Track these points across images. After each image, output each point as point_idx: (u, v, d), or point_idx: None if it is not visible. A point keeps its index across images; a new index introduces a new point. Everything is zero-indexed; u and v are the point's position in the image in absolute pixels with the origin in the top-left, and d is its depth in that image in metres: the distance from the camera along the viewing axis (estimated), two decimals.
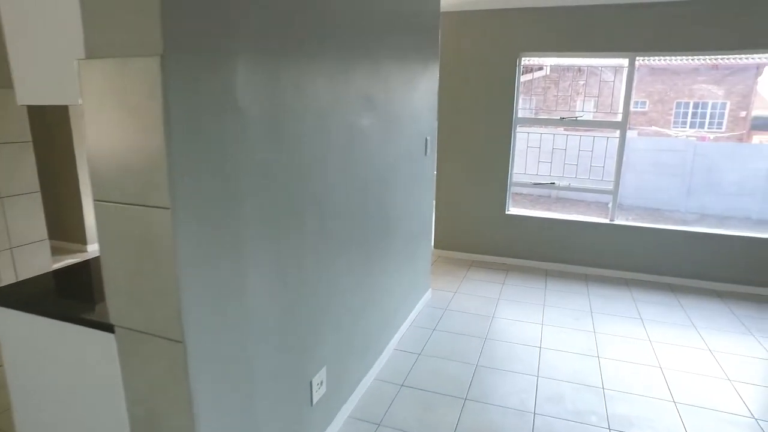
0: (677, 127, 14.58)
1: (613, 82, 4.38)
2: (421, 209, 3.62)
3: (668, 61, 14.28)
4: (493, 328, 3.54)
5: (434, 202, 4.96)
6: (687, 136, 13.90)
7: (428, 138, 3.55)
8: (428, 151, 3.57)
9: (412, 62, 3.11)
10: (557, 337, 3.42)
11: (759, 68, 14.96)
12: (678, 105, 14.64)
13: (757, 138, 15.40)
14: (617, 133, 4.48)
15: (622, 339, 3.42)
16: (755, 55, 4.14)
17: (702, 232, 4.42)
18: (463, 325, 3.58)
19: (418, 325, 3.57)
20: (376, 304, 2.86)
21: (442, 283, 4.38)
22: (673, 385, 2.87)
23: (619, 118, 4.45)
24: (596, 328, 3.57)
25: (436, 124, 3.76)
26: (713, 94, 14.54)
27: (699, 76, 14.53)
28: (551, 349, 3.26)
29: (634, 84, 4.35)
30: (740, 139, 15.27)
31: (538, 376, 2.94)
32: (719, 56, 4.28)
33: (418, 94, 3.26)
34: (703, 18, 4.00)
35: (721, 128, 14.52)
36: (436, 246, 5.17)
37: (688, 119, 14.55)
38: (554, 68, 6.56)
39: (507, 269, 4.80)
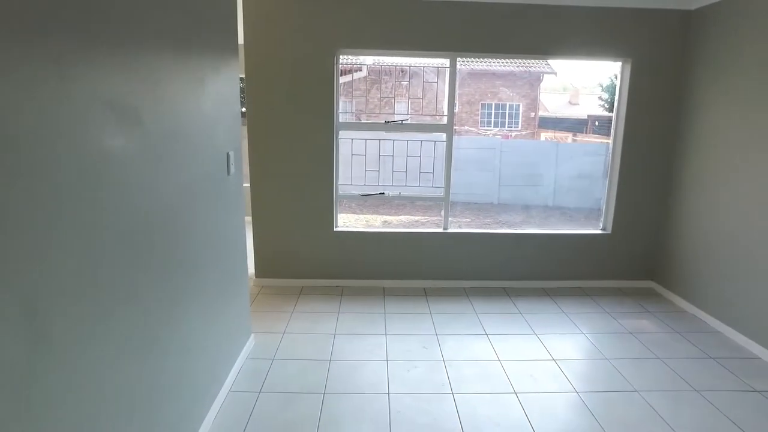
0: (484, 127, 15.90)
1: (437, 83, 4.14)
2: (230, 238, 2.84)
3: (485, 64, 15.51)
4: (332, 377, 2.93)
5: (250, 225, 4.19)
6: (492, 135, 15.23)
7: (231, 153, 2.78)
8: (232, 168, 2.81)
9: (198, 57, 2.33)
10: (407, 376, 2.95)
11: (541, 76, 17.13)
12: (483, 106, 15.99)
13: (544, 135, 17.67)
14: (444, 136, 4.24)
15: (474, 365, 3.09)
16: (554, 60, 4.26)
17: (528, 233, 4.44)
18: (295, 380, 2.90)
19: (239, 390, 2.79)
20: (171, 387, 2.02)
21: (268, 322, 3.64)
22: (531, 414, 2.59)
23: (444, 120, 4.22)
24: (445, 355, 3.21)
25: (240, 134, 3.01)
26: (510, 96, 16.19)
27: (497, 80, 16.04)
28: (402, 394, 2.77)
29: (457, 85, 4.15)
30: (532, 136, 17.32)
31: None
32: (529, 59, 4.31)
33: (210, 101, 2.48)
34: (515, 21, 3.94)
35: (518, 127, 16.26)
36: (258, 275, 4.40)
37: (492, 119, 15.97)
38: (374, 69, 6.27)
39: (342, 292, 4.25)
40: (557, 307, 3.99)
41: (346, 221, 8.55)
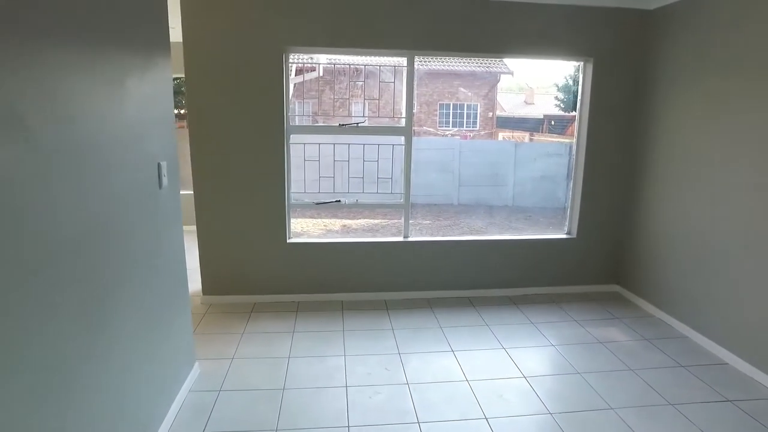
0: (443, 127, 15.84)
1: (393, 83, 3.91)
2: (166, 257, 2.51)
3: (444, 64, 15.42)
4: (286, 410, 2.63)
5: (196, 235, 3.85)
6: (451, 135, 15.18)
7: (163, 163, 2.45)
8: (164, 180, 2.47)
9: (118, 55, 1.99)
10: (368, 404, 2.69)
11: (498, 76, 17.25)
12: (441, 106, 15.92)
13: (502, 135, 17.81)
14: (402, 139, 4.01)
15: (440, 388, 2.86)
16: (512, 60, 4.11)
17: (491, 240, 4.26)
18: (244, 415, 2.59)
19: (179, 431, 2.46)
20: None
21: (216, 347, 3.31)
22: None
23: (403, 123, 3.98)
24: (409, 376, 2.97)
25: (175, 141, 2.67)
26: (468, 97, 16.19)
27: (455, 80, 16.01)
28: (364, 426, 2.51)
29: (416, 86, 3.92)
30: (490, 135, 17.41)
31: None
32: (489, 57, 4.15)
33: (134, 105, 2.15)
34: (475, 19, 3.76)
35: (476, 127, 16.29)
36: (205, 292, 4.04)
37: (451, 119, 15.93)
38: (328, 69, 5.98)
39: (297, 308, 3.95)
40: (524, 317, 3.83)
41: (304, 226, 8.21)
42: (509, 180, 12.33)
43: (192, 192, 3.82)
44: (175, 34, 3.48)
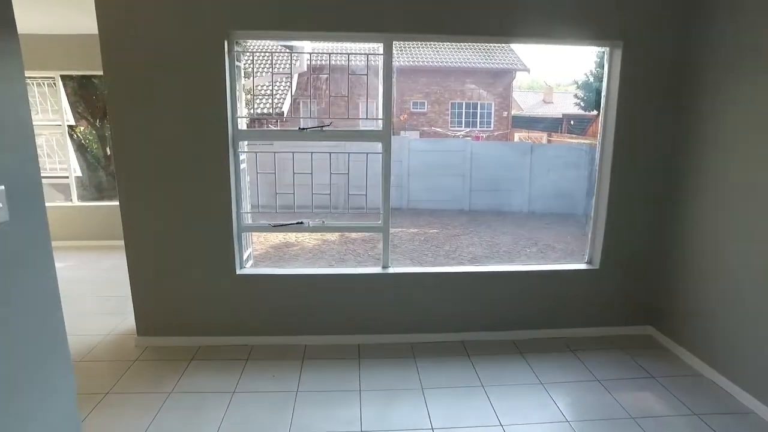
0: (454, 127, 14.94)
1: (366, 76, 3.11)
2: (24, 312, 1.75)
3: (453, 60, 14.54)
4: None
5: (128, 271, 3.12)
6: (462, 136, 14.29)
7: (0, 188, 1.69)
8: (4, 214, 1.71)
9: None
10: None
11: (513, 73, 16.30)
12: (453, 105, 15.01)
13: (518, 135, 16.85)
14: (379, 146, 3.20)
15: None
16: (525, 47, 3.28)
17: (493, 271, 3.43)
18: None
19: None
20: None
21: (128, 414, 2.55)
22: None
23: (379, 125, 3.18)
24: None
25: (31, 155, 1.91)
26: (481, 95, 15.27)
27: (468, 78, 15.10)
28: None
29: (395, 80, 3.12)
30: (505, 136, 16.47)
31: None
32: (490, 42, 3.33)
33: None
34: None
35: (490, 127, 15.35)
36: (140, 332, 3.31)
37: (463, 119, 15.02)
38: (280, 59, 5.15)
39: (249, 355, 3.19)
40: (531, 373, 3.00)
41: (263, 241, 7.41)
42: (525, 184, 11.42)
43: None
44: (90, 23, 2.76)
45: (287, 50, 4.19)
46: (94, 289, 4.47)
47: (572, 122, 15.13)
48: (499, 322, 3.41)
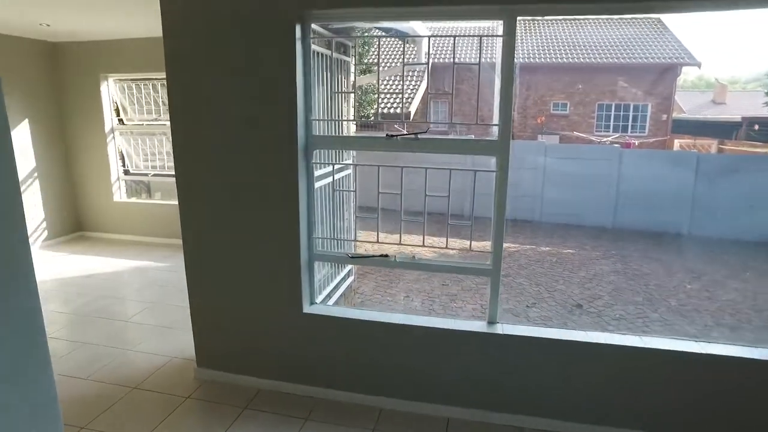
0: (600, 132, 13.14)
1: (479, 68, 2.30)
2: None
3: (601, 56, 12.85)
4: None
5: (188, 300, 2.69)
6: (610, 142, 12.49)
7: None
8: None
9: None
10: None
11: (678, 69, 13.92)
12: (599, 107, 13.21)
13: (678, 142, 14.40)
14: (493, 162, 2.37)
15: None
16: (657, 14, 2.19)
17: (653, 349, 2.37)
18: None
19: None
20: None
21: None
22: None
23: (495, 134, 2.35)
24: None
25: (8, 166, 1.46)
26: (636, 95, 13.23)
27: (619, 75, 13.19)
28: None
29: (517, 71, 2.28)
30: (663, 143, 14.18)
31: None
32: (615, 10, 2.30)
33: None
34: None
35: (644, 132, 13.25)
36: (200, 363, 2.89)
37: (611, 123, 13.15)
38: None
39: (309, 413, 2.58)
40: None
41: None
42: (686, 201, 9.44)
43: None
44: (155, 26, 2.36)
45: (397, 37, 3.50)
46: (183, 297, 4.26)
47: (757, 127, 12.38)
48: (648, 422, 2.36)
